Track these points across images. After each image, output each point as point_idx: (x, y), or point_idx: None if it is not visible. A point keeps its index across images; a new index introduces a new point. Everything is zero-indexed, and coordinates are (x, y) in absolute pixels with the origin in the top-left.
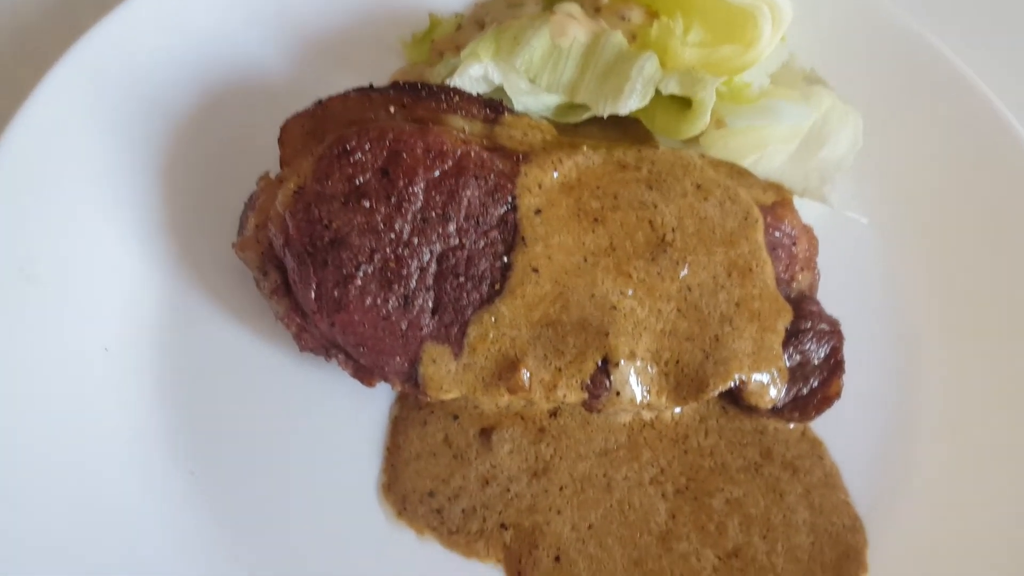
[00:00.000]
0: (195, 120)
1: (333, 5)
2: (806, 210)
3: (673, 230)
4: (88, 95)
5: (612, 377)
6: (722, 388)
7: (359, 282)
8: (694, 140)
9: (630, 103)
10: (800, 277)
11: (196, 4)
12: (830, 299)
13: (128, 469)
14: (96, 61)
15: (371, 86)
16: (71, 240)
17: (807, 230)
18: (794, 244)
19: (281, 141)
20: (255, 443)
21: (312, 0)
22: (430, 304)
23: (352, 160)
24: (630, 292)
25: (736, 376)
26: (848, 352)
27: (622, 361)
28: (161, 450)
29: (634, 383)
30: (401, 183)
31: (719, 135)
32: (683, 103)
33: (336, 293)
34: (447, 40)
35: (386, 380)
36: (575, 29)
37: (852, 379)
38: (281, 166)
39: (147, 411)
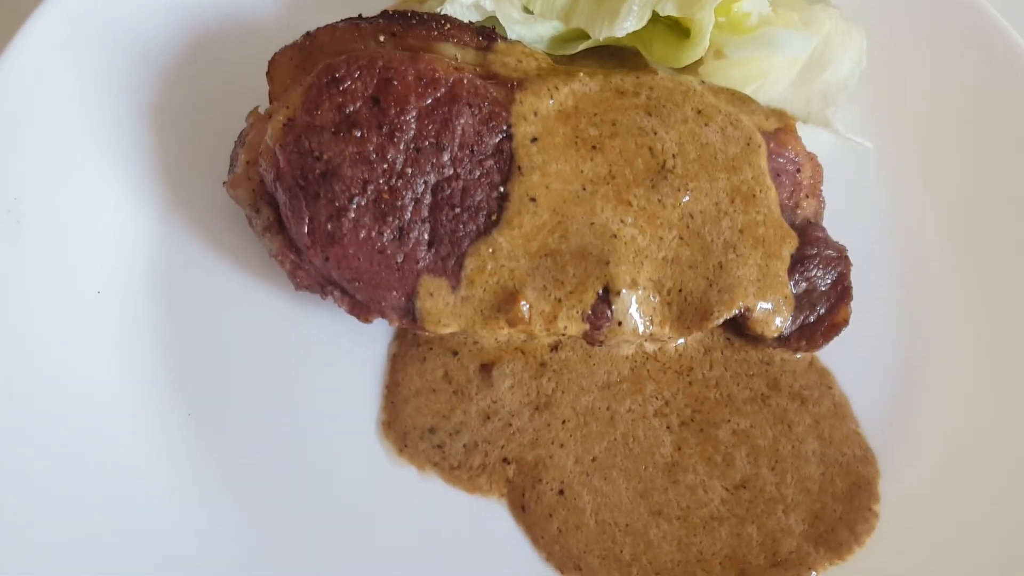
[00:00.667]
0: (183, 59)
1: None
2: (810, 137)
3: (674, 156)
4: (74, 35)
5: (613, 307)
6: (726, 316)
7: (352, 214)
8: (693, 70)
9: (627, 24)
10: (805, 204)
11: None
12: (836, 226)
13: (124, 411)
14: (79, 2)
15: (360, 16)
16: (59, 182)
17: (811, 157)
18: (798, 171)
19: (270, 75)
20: (252, 384)
21: None
22: (426, 236)
23: (341, 89)
24: (630, 220)
25: (741, 304)
26: (855, 279)
27: (623, 290)
28: (157, 393)
29: (636, 312)
30: (392, 111)
31: (718, 65)
32: (680, 31)
33: (329, 226)
34: None
35: (383, 316)
36: None
37: (860, 307)
38: (271, 101)
39: (142, 354)
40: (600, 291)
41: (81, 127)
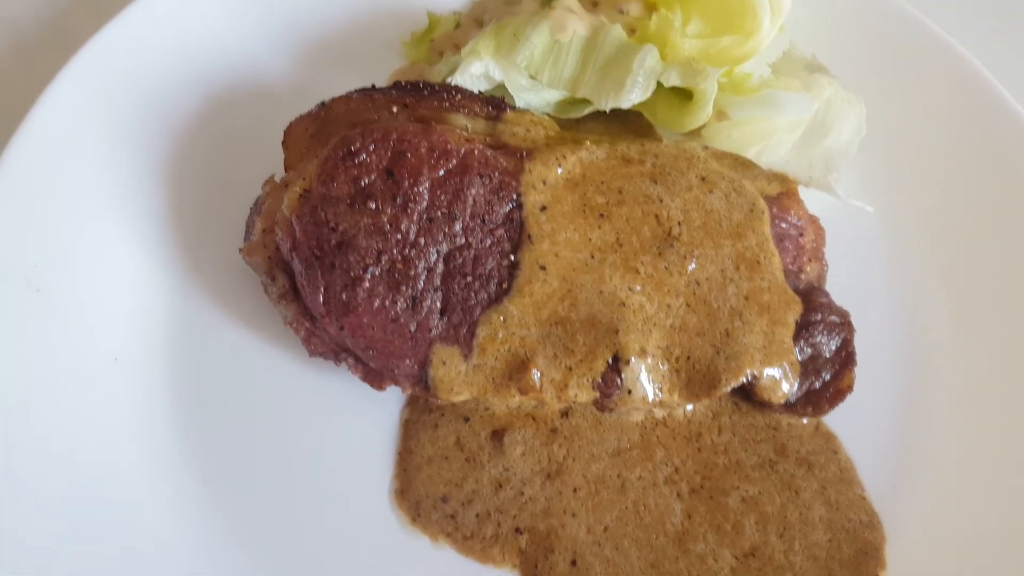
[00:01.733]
0: (199, 125)
1: (333, 6)
2: (812, 200)
3: (679, 224)
4: (92, 102)
5: (623, 375)
6: (734, 384)
7: (367, 284)
8: (697, 132)
9: (632, 96)
10: (808, 268)
11: (195, 8)
12: (839, 289)
13: (140, 479)
14: (99, 68)
15: (373, 87)
16: (77, 249)
17: (813, 220)
18: (801, 235)
19: (285, 144)
20: (266, 450)
21: (312, 1)
22: (438, 305)
23: (357, 161)
24: (638, 288)
25: (748, 371)
26: (859, 343)
27: (633, 359)
28: (173, 459)
29: (645, 381)
30: (406, 183)
31: (721, 127)
32: (684, 95)
33: (344, 296)
34: (446, 38)
35: (396, 383)
36: (575, 24)
37: (864, 370)
38: (286, 169)
39: (158, 420)
40: (610, 360)
41: (99, 193)
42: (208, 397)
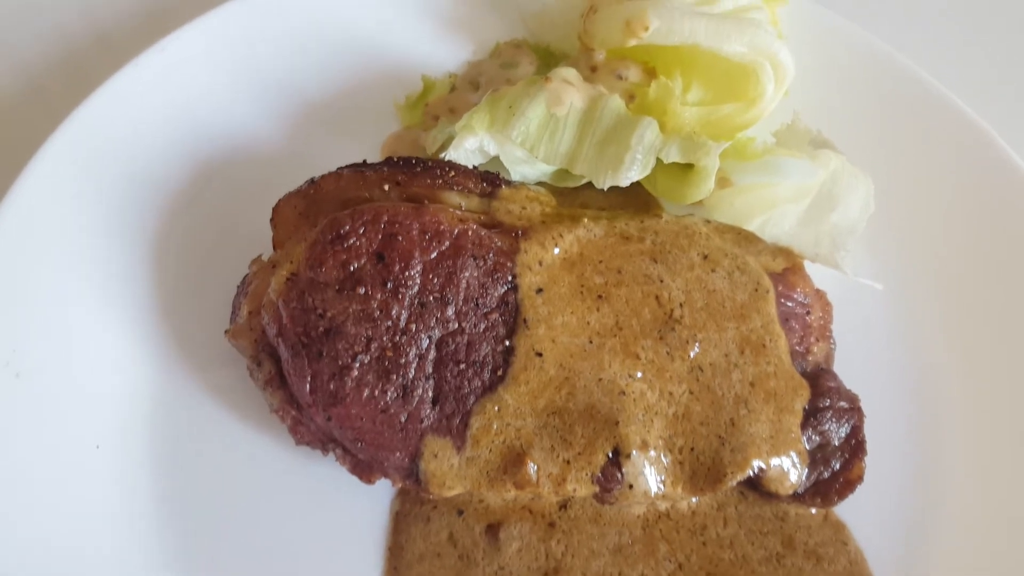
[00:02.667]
0: (186, 197)
1: (324, 69)
2: (817, 272)
3: (681, 305)
4: (74, 176)
5: (624, 469)
6: (740, 478)
7: (356, 373)
8: (698, 202)
9: (631, 175)
10: (815, 349)
11: (182, 74)
12: (846, 366)
13: (120, 571)
14: (82, 140)
15: (364, 162)
16: (59, 331)
17: (820, 296)
18: (808, 313)
19: (273, 222)
20: (251, 543)
21: (302, 65)
22: (430, 394)
23: (346, 245)
24: (639, 375)
25: (755, 463)
26: (867, 425)
27: (634, 452)
28: (154, 551)
29: (647, 474)
30: (397, 267)
31: (724, 195)
32: (686, 166)
33: (332, 386)
34: (441, 102)
35: (386, 476)
36: (571, 95)
37: (873, 454)
38: (274, 247)
39: (139, 510)
40: (610, 453)
41: (81, 272)
42: (191, 486)
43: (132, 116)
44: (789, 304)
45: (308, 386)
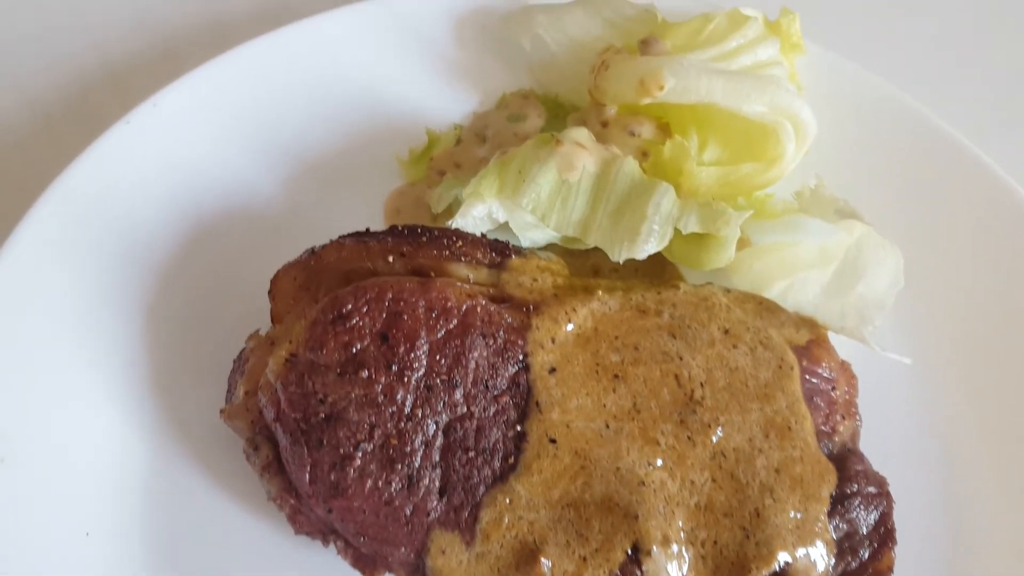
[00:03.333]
0: (179, 261)
1: (324, 123)
2: (842, 341)
3: (702, 385)
4: (60, 245)
5: (644, 567)
6: (766, 572)
7: (358, 463)
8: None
9: (647, 247)
10: (841, 428)
11: (178, 129)
12: (871, 443)
13: None
14: (67, 206)
15: (368, 231)
16: (47, 412)
17: (845, 368)
18: (833, 388)
19: (272, 294)
20: None
21: (302, 118)
22: (437, 484)
23: (348, 325)
24: (659, 462)
25: (781, 557)
26: (896, 511)
27: (655, 548)
28: None
29: (669, 571)
30: (402, 349)
31: (744, 256)
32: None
33: (333, 476)
34: (446, 156)
35: (391, 571)
36: (583, 159)
37: (902, 542)
38: (272, 321)
39: None
40: (629, 549)
41: (69, 348)
42: (185, 575)
43: (122, 176)
44: (814, 380)
45: (308, 476)
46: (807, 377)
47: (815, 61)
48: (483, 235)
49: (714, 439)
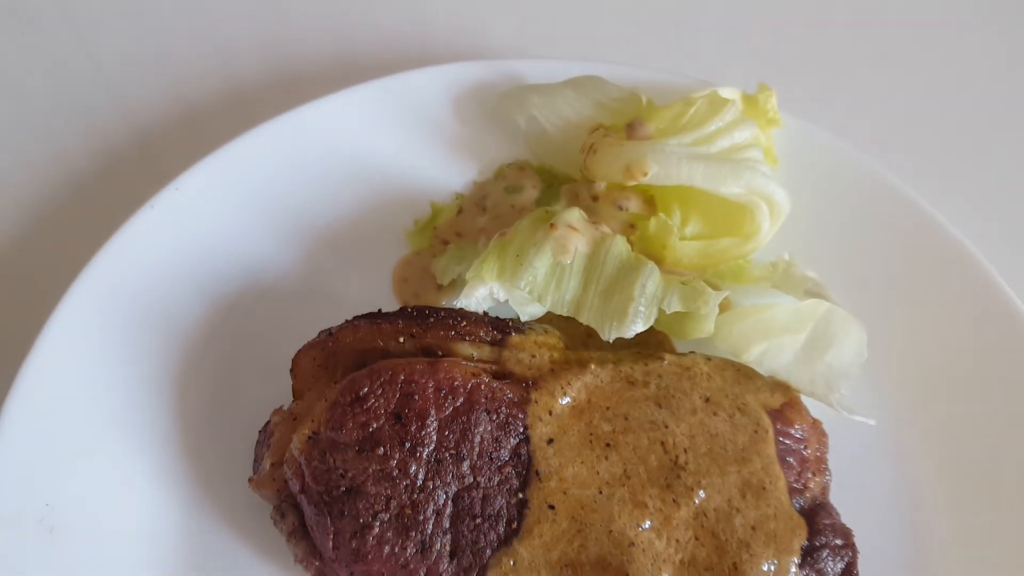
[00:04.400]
0: (204, 336)
1: (335, 200)
2: (813, 402)
3: (685, 451)
4: (95, 327)
5: None
6: None
7: (376, 531)
8: None
9: (635, 327)
10: (812, 484)
11: (197, 211)
12: (841, 495)
13: None
14: (100, 290)
15: (380, 312)
16: (88, 485)
17: (816, 427)
18: (805, 447)
19: (293, 373)
20: None
21: (313, 196)
22: (448, 548)
23: (365, 407)
24: (647, 524)
25: None
26: (862, 561)
27: None
28: None
29: None
30: (414, 427)
31: (725, 319)
32: None
33: (354, 544)
34: (448, 226)
35: None
36: (576, 241)
37: None
38: (294, 395)
39: None
40: None
41: (107, 424)
42: None
43: (149, 258)
44: (787, 441)
45: (331, 543)
46: (780, 439)
47: (791, 131)
48: (485, 313)
49: (696, 501)
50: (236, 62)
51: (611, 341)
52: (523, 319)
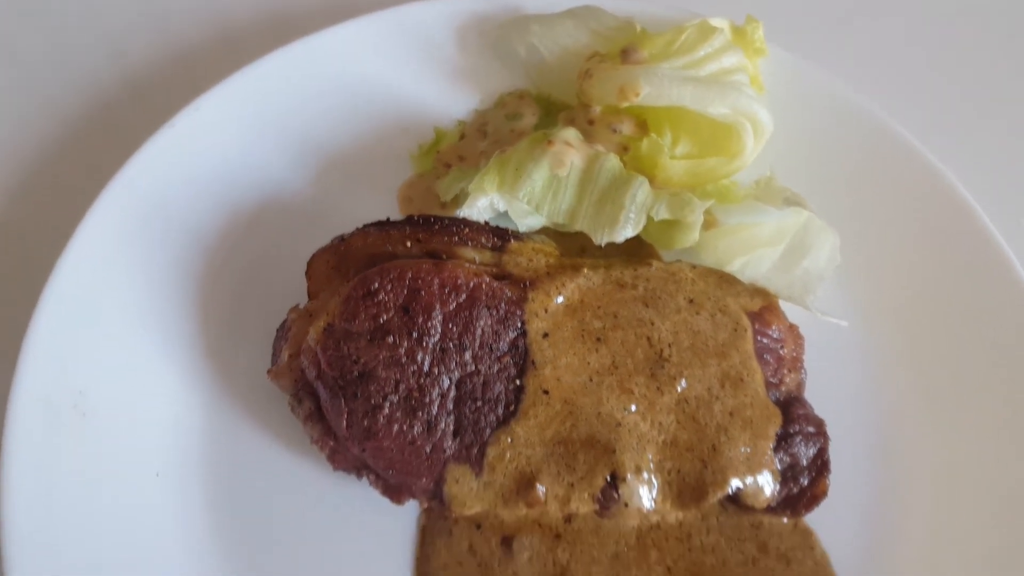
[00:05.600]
0: (227, 248)
1: (345, 126)
2: (792, 309)
3: (669, 346)
4: (126, 230)
5: (620, 491)
6: (720, 495)
7: (386, 411)
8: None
9: (625, 232)
10: (788, 379)
11: (216, 135)
12: (816, 393)
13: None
14: (130, 197)
15: (388, 220)
16: (119, 376)
17: (793, 330)
18: (781, 347)
19: (308, 274)
20: (296, 556)
21: (325, 120)
22: (451, 428)
23: (376, 300)
24: (633, 408)
25: (733, 483)
26: (835, 446)
27: (629, 475)
28: (214, 564)
29: (640, 495)
30: (420, 319)
31: (710, 235)
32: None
33: (366, 423)
34: (451, 150)
35: (414, 497)
36: (572, 156)
37: (839, 470)
38: (309, 296)
39: (198, 528)
40: (608, 476)
41: (137, 320)
42: (241, 506)
43: (172, 172)
44: (764, 340)
45: (344, 422)
46: (759, 337)
47: (776, 62)
48: (486, 222)
49: (679, 389)
50: (230, 3)
51: (603, 245)
52: (521, 231)
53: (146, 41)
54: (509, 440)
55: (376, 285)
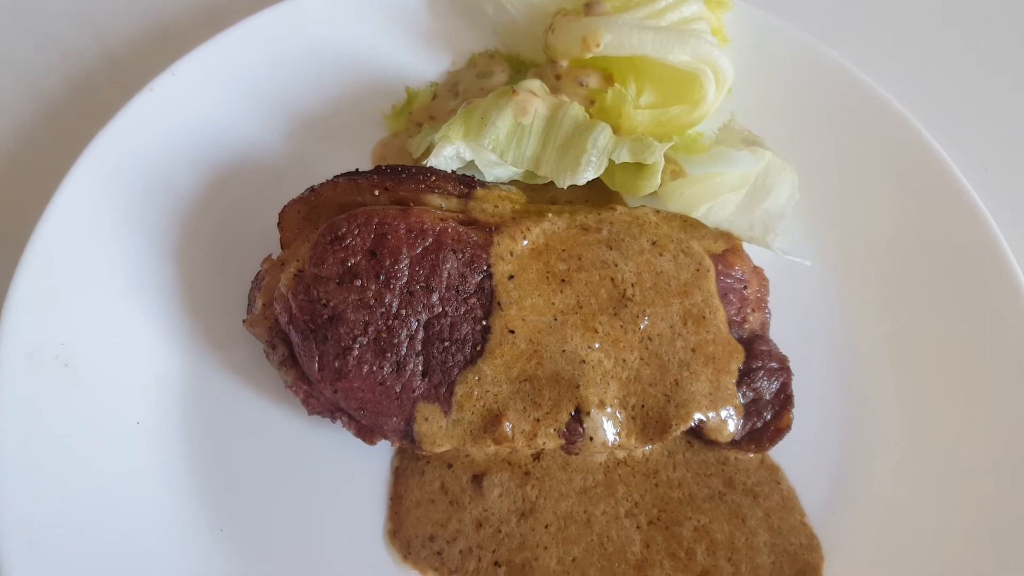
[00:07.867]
0: (203, 204)
1: (320, 86)
2: (758, 253)
3: (632, 285)
4: (106, 188)
5: (585, 425)
6: (683, 428)
7: (356, 353)
8: (653, 193)
9: (587, 174)
10: (751, 318)
11: (194, 95)
12: (782, 335)
13: (165, 529)
14: (110, 155)
15: (357, 171)
16: (100, 327)
17: (757, 272)
18: (745, 287)
19: (280, 225)
20: (275, 499)
21: (298, 82)
22: (420, 368)
23: (344, 245)
24: (597, 345)
25: (696, 416)
26: (801, 383)
27: (593, 410)
28: (193, 510)
29: (605, 428)
30: (388, 262)
31: (675, 186)
32: (639, 163)
33: (337, 364)
34: (423, 110)
35: (386, 438)
36: (536, 105)
37: (805, 408)
38: (281, 247)
39: (178, 475)
40: (573, 411)
41: (117, 273)
42: (220, 453)
43: (151, 134)
44: (728, 280)
45: (316, 365)
46: (722, 278)
47: (739, 15)
48: (453, 172)
49: (642, 327)
50: None
51: (565, 187)
52: (488, 181)
53: (123, 10)
54: (476, 379)
55: (344, 230)
